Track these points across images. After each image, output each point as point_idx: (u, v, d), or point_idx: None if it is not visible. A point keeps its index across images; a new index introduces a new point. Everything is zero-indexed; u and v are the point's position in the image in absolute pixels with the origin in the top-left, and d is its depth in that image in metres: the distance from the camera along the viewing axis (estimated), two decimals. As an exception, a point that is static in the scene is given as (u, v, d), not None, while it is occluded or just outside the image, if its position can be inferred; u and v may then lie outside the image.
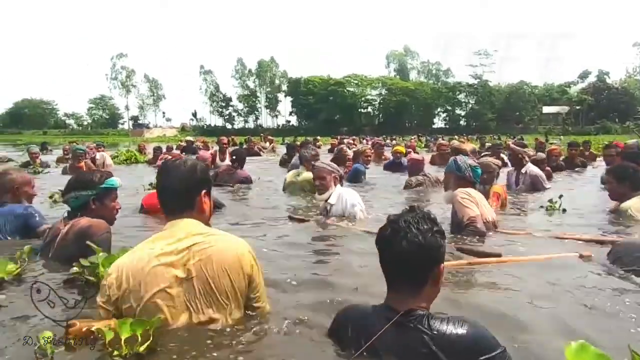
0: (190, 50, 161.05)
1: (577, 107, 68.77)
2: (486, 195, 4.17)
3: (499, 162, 4.99)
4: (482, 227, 3.40)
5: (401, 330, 1.50)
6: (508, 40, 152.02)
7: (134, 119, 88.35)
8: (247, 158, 7.77)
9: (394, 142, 23.69)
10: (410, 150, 11.36)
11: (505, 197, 4.82)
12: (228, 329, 1.77)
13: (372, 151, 10.82)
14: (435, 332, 1.47)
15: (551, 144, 16.17)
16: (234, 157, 7.14)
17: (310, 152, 6.25)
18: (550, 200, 4.78)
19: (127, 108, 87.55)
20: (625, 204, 4.13)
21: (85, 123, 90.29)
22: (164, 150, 12.21)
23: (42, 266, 2.62)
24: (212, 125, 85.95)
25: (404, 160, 8.53)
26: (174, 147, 14.48)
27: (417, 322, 1.50)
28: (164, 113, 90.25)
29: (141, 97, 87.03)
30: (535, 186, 6.26)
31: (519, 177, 6.42)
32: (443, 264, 1.60)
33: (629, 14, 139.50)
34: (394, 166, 8.96)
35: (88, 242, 2.38)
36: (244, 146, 15.30)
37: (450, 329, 1.47)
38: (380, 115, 79.89)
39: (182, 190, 1.83)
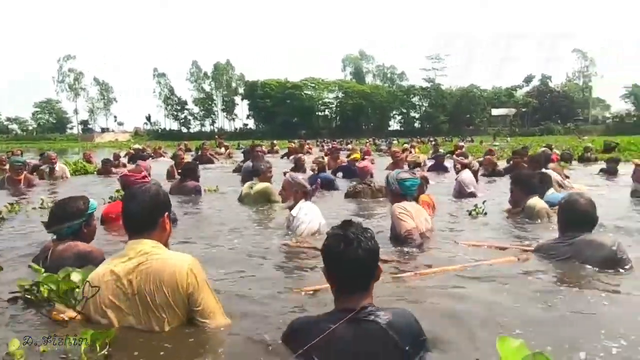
0: (142, 52, 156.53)
1: (523, 110, 72.35)
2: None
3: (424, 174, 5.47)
4: (418, 238, 3.65)
5: (360, 324, 1.73)
6: (459, 44, 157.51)
7: (84, 123, 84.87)
8: (202, 166, 7.70)
9: (349, 146, 24.11)
10: (366, 156, 11.65)
11: (434, 204, 5.01)
12: (170, 336, 1.95)
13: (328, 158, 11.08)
14: (387, 321, 1.73)
15: (495, 145, 16.94)
16: (181, 172, 7.32)
17: (265, 165, 6.42)
18: (476, 206, 5.16)
19: (75, 112, 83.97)
20: (529, 204, 4.64)
21: (30, 128, 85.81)
22: (112, 158, 11.91)
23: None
24: (167, 129, 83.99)
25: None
26: (121, 154, 13.77)
27: (372, 315, 1.75)
28: (115, 117, 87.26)
29: (91, 101, 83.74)
30: (460, 192, 6.68)
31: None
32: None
33: (571, 20, 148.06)
34: (349, 172, 9.23)
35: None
36: (198, 153, 15.00)
37: (397, 317, 1.77)
38: (338, 118, 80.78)
39: (145, 214, 2.08)
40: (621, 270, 2.95)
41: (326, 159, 10.64)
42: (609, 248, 2.99)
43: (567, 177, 7.88)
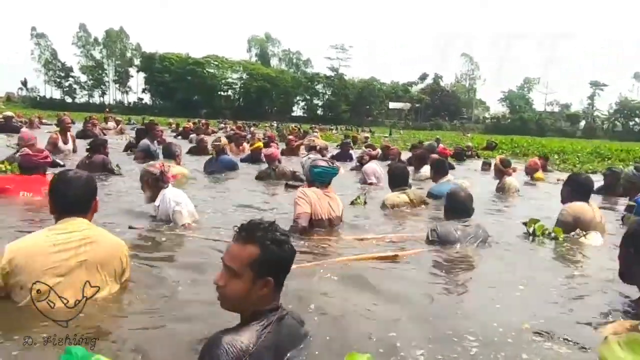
0: (19, 7, 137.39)
1: (417, 105, 77.56)
2: None
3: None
4: (303, 223, 3.72)
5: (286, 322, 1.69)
6: (363, 35, 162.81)
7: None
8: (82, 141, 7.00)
9: (252, 128, 23.70)
10: (271, 143, 11.60)
11: None
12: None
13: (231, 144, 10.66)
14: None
15: (385, 137, 17.78)
16: (89, 146, 6.91)
17: (179, 147, 6.39)
18: (358, 197, 5.35)
19: None
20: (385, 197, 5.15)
21: None
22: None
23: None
24: (48, 97, 75.16)
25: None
26: None
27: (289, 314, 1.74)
28: (-18, 79, 75.83)
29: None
30: (364, 182, 7.16)
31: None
32: None
33: (461, 25, 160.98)
34: (254, 160, 8.86)
35: None
36: (82, 127, 13.44)
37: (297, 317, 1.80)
38: (241, 100, 79.05)
39: (82, 198, 2.31)
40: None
41: (227, 144, 10.28)
42: (485, 230, 3.75)
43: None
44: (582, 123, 78.63)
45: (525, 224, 4.09)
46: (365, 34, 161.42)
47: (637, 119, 77.00)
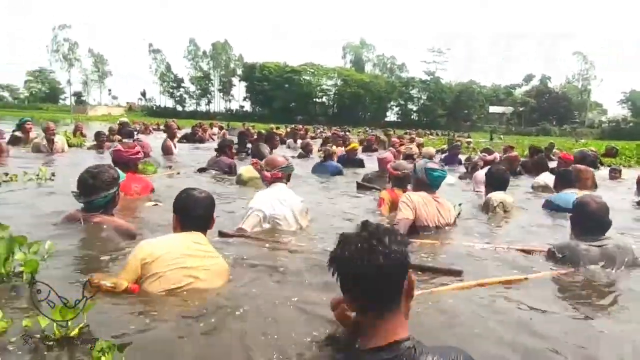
0: (138, 26, 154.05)
1: (521, 109, 72.29)
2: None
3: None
4: (402, 229, 3.38)
5: None
6: (460, 40, 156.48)
7: (77, 94, 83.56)
8: (191, 145, 7.54)
9: (347, 134, 23.60)
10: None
11: (393, 200, 4.45)
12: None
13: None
14: None
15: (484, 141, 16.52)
16: (217, 148, 7.67)
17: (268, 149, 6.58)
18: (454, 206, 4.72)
19: (69, 83, 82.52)
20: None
21: (22, 96, 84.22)
22: (106, 133, 11.33)
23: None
24: (162, 106, 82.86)
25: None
26: (107, 130, 12.18)
27: (406, 357, 1.31)
28: (109, 90, 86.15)
29: (85, 72, 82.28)
30: (474, 190, 6.55)
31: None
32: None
33: (572, 20, 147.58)
34: (351, 162, 8.87)
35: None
36: (189, 131, 14.46)
37: None
38: (335, 106, 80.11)
39: (206, 216, 2.49)
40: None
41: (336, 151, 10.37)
42: (631, 251, 3.05)
43: None
44: None
45: None
46: (464, 36, 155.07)
47: None
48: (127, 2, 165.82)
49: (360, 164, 8.90)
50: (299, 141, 14.52)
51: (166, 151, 9.54)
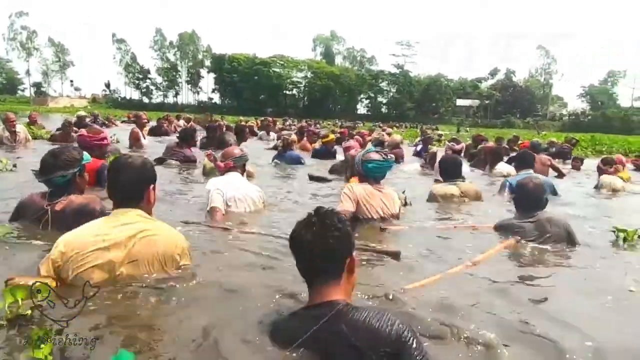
0: (101, 15, 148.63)
1: (487, 102, 74.08)
2: None
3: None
4: None
5: (324, 324, 1.52)
6: (429, 33, 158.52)
7: (37, 85, 79.98)
8: (156, 138, 7.40)
9: (317, 128, 23.66)
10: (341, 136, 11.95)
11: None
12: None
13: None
14: (353, 323, 1.50)
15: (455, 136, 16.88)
16: (178, 136, 7.47)
17: (233, 137, 6.38)
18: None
19: (28, 73, 78.92)
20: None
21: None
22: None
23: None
24: (128, 98, 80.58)
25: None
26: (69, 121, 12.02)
27: (340, 313, 1.53)
28: (71, 81, 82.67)
29: (45, 62, 78.90)
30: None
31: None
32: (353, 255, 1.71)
33: (537, 18, 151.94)
34: (326, 154, 9.03)
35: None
36: (155, 124, 14.09)
37: (369, 319, 1.50)
38: (306, 99, 79.98)
39: (134, 184, 2.16)
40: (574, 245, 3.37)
41: (296, 140, 10.42)
42: (563, 224, 3.41)
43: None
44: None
45: (615, 230, 3.67)
46: (432, 30, 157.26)
47: None
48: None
49: (335, 156, 8.95)
50: (272, 133, 14.52)
51: (134, 141, 9.20)
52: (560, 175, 7.97)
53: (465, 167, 6.42)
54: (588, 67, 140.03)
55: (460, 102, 75.54)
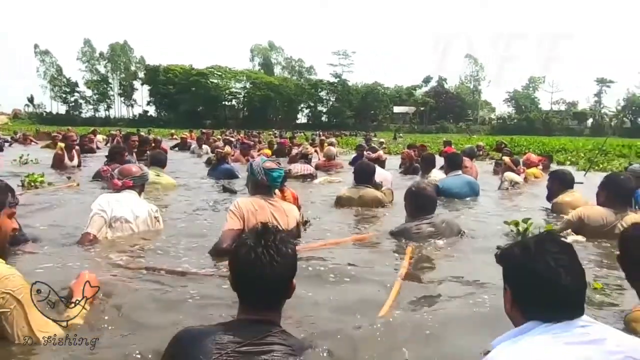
0: (22, 25, 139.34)
1: (422, 108, 77.14)
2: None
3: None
4: (223, 244, 3.11)
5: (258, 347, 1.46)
6: (365, 41, 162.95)
7: (-53, 102, 73.39)
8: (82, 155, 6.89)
9: (256, 139, 23.43)
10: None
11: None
12: None
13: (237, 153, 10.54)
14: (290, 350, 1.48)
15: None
16: (108, 155, 7.19)
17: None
18: None
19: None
20: None
21: None
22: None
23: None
24: (54, 112, 75.80)
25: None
26: None
27: (273, 338, 1.49)
28: (-11, 97, 76.72)
29: (-44, 77, 72.61)
30: None
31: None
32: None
33: (467, 27, 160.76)
34: None
35: None
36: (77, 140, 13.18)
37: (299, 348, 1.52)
38: (245, 109, 79.22)
39: None
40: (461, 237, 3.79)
41: (233, 151, 10.23)
42: (456, 224, 3.86)
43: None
44: (590, 121, 77.75)
45: (507, 222, 4.00)
46: (367, 39, 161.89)
47: (646, 115, 76.08)
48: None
49: None
50: (205, 146, 14.03)
51: (57, 164, 8.58)
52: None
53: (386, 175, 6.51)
54: (512, 72, 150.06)
55: (397, 109, 78.07)
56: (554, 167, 9.37)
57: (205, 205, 5.42)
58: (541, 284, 1.35)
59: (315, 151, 9.97)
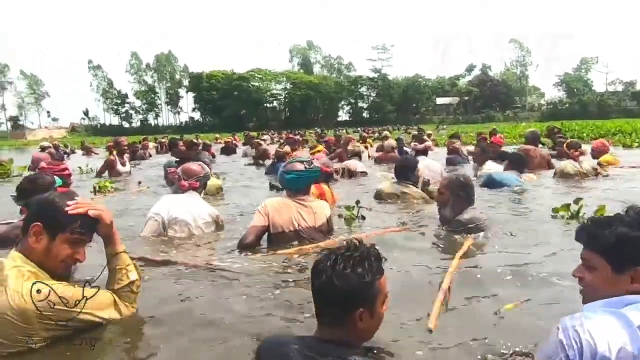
0: (74, 43, 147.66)
1: (466, 98, 74.88)
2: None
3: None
4: (248, 240, 3.28)
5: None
6: (402, 35, 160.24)
7: (13, 119, 78.87)
8: (133, 162, 7.15)
9: (297, 137, 23.54)
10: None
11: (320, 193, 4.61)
12: None
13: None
14: None
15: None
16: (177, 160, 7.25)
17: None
18: (350, 207, 4.40)
19: (3, 108, 77.97)
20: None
21: (-49, 124, 78.82)
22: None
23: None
24: (107, 124, 79.84)
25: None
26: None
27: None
28: (48, 112, 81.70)
29: (20, 95, 77.99)
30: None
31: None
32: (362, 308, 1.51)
33: (507, 12, 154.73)
34: None
35: None
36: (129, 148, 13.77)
37: None
38: (286, 110, 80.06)
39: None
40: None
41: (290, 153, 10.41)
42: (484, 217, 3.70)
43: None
44: (651, 100, 72.59)
45: (556, 210, 3.90)
46: (406, 32, 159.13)
47: None
48: (62, 20, 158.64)
49: None
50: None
51: (110, 169, 8.90)
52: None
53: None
54: (561, 57, 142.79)
55: (439, 100, 76.22)
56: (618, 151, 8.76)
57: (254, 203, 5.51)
58: None
59: (365, 147, 9.97)
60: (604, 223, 1.59)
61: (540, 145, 8.82)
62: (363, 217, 4.16)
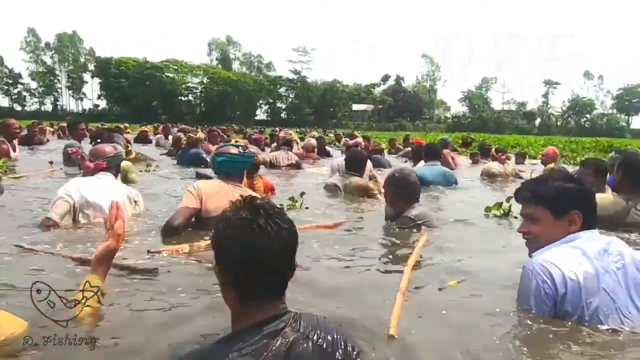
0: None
1: (380, 106, 78.27)
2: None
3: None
4: (175, 222, 2.99)
5: (292, 345, 1.21)
6: (324, 38, 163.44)
7: None
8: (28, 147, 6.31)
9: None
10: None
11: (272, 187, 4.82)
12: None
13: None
14: (321, 335, 1.25)
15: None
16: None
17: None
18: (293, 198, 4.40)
19: None
20: None
21: None
22: None
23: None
24: (-5, 105, 71.23)
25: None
26: None
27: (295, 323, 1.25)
28: None
29: None
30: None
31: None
32: None
33: (420, 27, 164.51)
34: None
35: None
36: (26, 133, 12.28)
37: (325, 327, 1.29)
38: (203, 104, 77.51)
39: None
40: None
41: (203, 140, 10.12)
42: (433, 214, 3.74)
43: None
44: (538, 120, 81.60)
45: (488, 209, 4.09)
46: (326, 37, 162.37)
47: (587, 116, 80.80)
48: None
49: None
50: (170, 137, 13.76)
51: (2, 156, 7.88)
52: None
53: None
54: (466, 73, 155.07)
55: (355, 107, 78.78)
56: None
57: (172, 189, 5.14)
58: None
59: (295, 141, 9.97)
60: (542, 180, 1.91)
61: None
62: (307, 208, 4.09)
